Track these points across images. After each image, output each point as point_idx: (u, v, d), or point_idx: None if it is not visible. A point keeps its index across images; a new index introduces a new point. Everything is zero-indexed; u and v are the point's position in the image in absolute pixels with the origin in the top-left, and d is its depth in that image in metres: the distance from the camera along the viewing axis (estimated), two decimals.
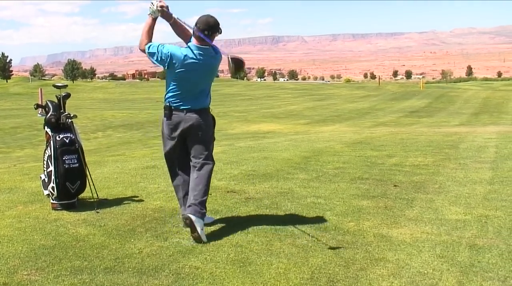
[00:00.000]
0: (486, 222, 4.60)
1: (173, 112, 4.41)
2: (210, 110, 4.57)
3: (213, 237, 4.26)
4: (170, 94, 4.42)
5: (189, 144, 4.49)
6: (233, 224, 4.65)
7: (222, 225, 4.65)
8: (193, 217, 4.16)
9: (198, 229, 4.15)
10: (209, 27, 4.26)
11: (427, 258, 3.74)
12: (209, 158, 4.49)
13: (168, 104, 4.43)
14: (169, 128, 4.48)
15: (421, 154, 8.83)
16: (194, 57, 4.28)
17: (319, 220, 4.75)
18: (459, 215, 4.85)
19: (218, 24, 4.32)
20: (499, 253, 3.80)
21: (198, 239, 4.13)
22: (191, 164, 4.51)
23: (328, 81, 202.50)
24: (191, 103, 4.38)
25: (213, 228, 4.54)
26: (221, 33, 4.39)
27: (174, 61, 4.28)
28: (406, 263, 3.64)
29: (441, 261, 3.67)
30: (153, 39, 4.41)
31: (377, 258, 3.75)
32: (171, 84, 4.40)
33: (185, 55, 4.28)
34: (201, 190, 4.35)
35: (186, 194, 4.57)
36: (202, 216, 4.27)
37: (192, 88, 4.39)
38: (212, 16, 4.35)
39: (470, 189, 5.92)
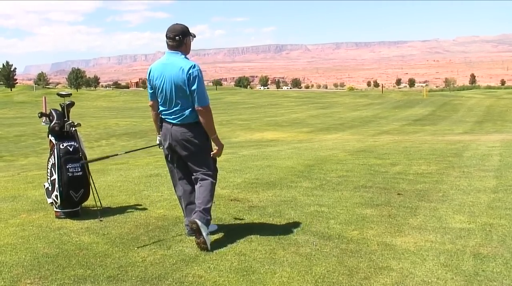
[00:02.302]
0: (491, 231, 4.58)
1: (163, 123, 4.46)
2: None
3: (216, 245, 4.26)
4: (159, 104, 4.47)
5: (184, 158, 4.46)
6: (237, 233, 4.64)
7: (226, 233, 4.64)
8: (198, 222, 4.18)
9: (204, 234, 4.16)
10: (178, 32, 4.32)
11: (431, 266, 3.72)
12: (209, 170, 4.43)
13: (160, 115, 4.49)
14: (162, 138, 4.52)
15: (425, 162, 8.81)
16: (163, 60, 4.38)
17: (323, 228, 4.74)
18: (463, 224, 4.83)
19: (187, 28, 4.39)
20: (503, 262, 3.78)
21: (203, 244, 4.13)
22: (193, 177, 4.50)
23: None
24: (175, 118, 4.34)
25: (216, 236, 4.54)
26: (194, 36, 4.46)
27: (150, 73, 4.45)
28: (410, 272, 3.63)
29: (445, 270, 3.66)
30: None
31: (381, 266, 3.74)
32: (158, 97, 4.46)
33: (158, 61, 4.45)
34: (204, 197, 4.35)
35: (188, 204, 4.57)
36: (207, 222, 4.28)
37: (169, 99, 4.32)
38: (178, 23, 4.41)
39: (474, 197, 5.90)
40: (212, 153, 4.41)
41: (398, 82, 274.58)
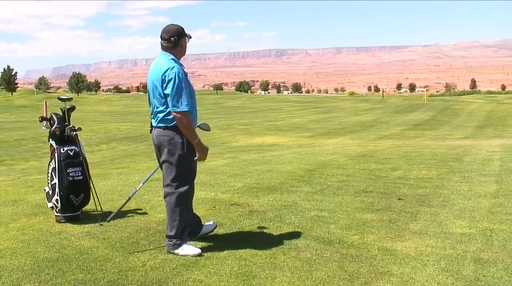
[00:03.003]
0: (491, 236, 4.58)
1: (151, 127, 4.37)
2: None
3: (216, 250, 4.26)
4: None
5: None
6: (237, 237, 4.64)
7: (226, 238, 4.64)
8: (170, 252, 4.20)
9: (180, 253, 4.16)
10: (173, 33, 4.21)
11: (432, 272, 3.72)
12: (173, 186, 4.20)
13: None
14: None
15: (425, 167, 8.81)
16: (154, 60, 4.31)
17: (323, 233, 4.73)
18: (463, 229, 4.82)
19: (182, 29, 4.27)
20: (504, 267, 3.78)
21: (190, 256, 4.12)
22: None
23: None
24: (155, 120, 4.24)
25: (216, 241, 4.53)
26: (190, 37, 4.32)
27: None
28: (410, 277, 3.62)
29: (446, 275, 3.65)
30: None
31: (382, 271, 3.73)
32: None
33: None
34: (168, 223, 4.27)
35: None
36: (174, 246, 4.19)
37: (150, 100, 4.28)
38: (173, 24, 4.30)
39: (474, 202, 5.90)
40: (195, 158, 4.19)
41: (399, 87, 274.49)
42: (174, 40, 4.20)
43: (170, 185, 4.22)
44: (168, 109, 4.09)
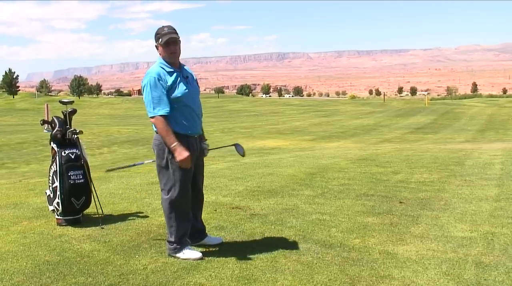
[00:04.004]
0: (493, 239, 4.57)
1: None
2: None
3: (217, 253, 4.26)
4: None
5: None
6: (238, 241, 4.64)
7: (227, 241, 4.63)
8: (171, 255, 4.20)
9: (181, 257, 4.15)
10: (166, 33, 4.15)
11: (433, 275, 3.71)
12: (165, 190, 4.24)
13: None
14: None
15: (427, 171, 8.80)
16: None
17: (324, 236, 4.73)
18: (465, 232, 4.82)
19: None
20: (505, 271, 3.77)
21: (191, 259, 4.12)
22: None
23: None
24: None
25: (218, 244, 4.53)
26: (176, 37, 4.15)
27: None
28: (412, 281, 3.61)
29: (447, 278, 3.65)
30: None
31: (383, 275, 3.73)
32: None
33: None
34: (167, 228, 4.29)
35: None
36: (175, 250, 4.19)
37: None
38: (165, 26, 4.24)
39: (476, 206, 5.89)
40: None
41: (400, 90, 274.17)
42: (156, 45, 4.20)
43: (163, 190, 4.27)
44: None
